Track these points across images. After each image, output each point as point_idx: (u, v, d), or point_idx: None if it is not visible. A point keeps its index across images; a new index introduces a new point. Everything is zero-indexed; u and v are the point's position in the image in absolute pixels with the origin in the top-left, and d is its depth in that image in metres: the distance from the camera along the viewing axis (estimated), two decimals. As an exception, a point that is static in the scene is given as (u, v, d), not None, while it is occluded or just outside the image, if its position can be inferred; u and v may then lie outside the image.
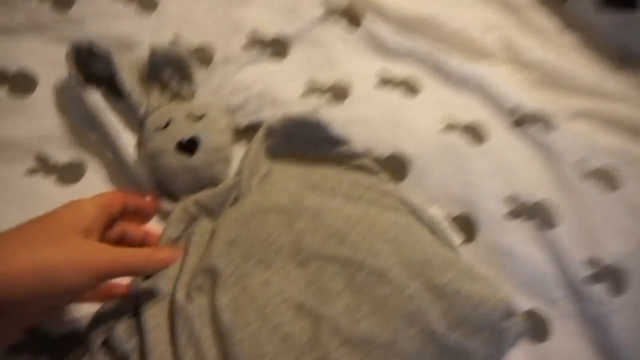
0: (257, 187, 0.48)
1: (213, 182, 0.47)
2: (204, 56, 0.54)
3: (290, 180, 0.48)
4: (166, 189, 0.47)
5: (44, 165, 0.47)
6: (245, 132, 0.51)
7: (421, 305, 0.42)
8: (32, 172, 0.47)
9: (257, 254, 0.44)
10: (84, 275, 0.33)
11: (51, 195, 0.46)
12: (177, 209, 0.46)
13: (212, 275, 0.43)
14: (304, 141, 0.49)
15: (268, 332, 0.41)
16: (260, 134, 0.50)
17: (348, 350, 0.40)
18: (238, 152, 0.50)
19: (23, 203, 0.45)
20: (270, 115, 0.52)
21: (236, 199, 0.47)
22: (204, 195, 0.46)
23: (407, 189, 0.49)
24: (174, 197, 0.47)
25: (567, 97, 0.58)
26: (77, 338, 0.40)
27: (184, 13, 0.56)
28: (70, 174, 0.48)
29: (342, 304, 0.42)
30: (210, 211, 0.46)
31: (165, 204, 0.47)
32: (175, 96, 0.50)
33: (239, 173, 0.48)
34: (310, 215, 0.46)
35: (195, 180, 0.47)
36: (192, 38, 0.54)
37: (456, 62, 0.59)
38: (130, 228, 0.43)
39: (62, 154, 0.48)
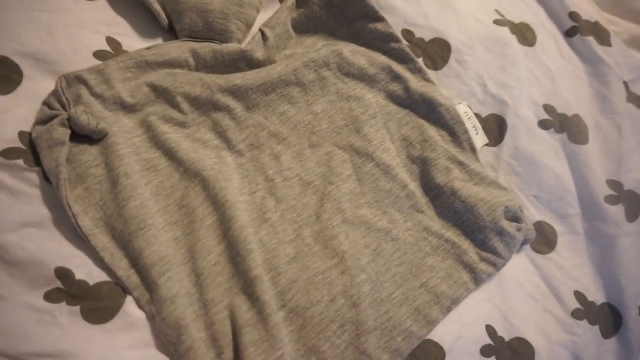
0: (283, 59, 0.45)
1: (222, 37, 0.43)
2: None
3: (316, 54, 0.44)
4: (172, 19, 0.43)
5: None
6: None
7: (418, 203, 0.42)
8: None
9: (272, 126, 0.42)
10: None
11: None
12: (171, 44, 0.42)
13: (222, 128, 0.41)
14: (338, 13, 0.45)
15: (273, 202, 0.40)
16: (289, 1, 0.45)
17: (348, 228, 0.40)
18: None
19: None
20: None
21: (248, 62, 0.43)
22: (203, 46, 0.42)
23: (442, 77, 0.47)
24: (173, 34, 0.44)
25: (630, 19, 0.54)
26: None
27: None
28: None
29: (348, 188, 0.42)
30: (206, 65, 0.43)
31: None
32: None
33: (259, 38, 0.44)
34: (333, 97, 0.45)
35: (204, 26, 0.42)
36: None
37: (519, -41, 0.54)
38: None
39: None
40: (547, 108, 0.48)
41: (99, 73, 0.39)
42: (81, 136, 0.37)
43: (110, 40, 0.41)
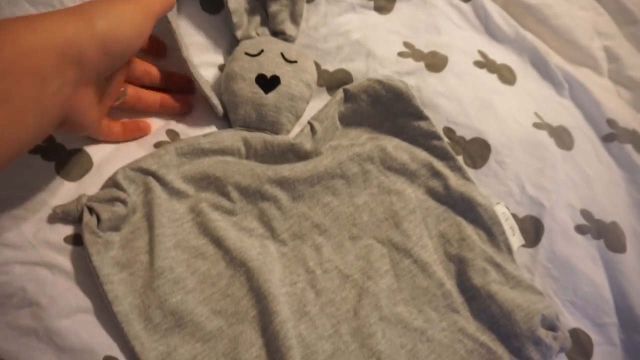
0: (329, 151, 0.47)
1: (273, 128, 0.46)
2: (310, -10, 0.52)
3: (361, 148, 0.46)
4: (227, 109, 0.46)
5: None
6: (325, 79, 0.50)
7: (454, 303, 0.43)
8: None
9: (315, 217, 0.44)
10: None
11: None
12: (226, 132, 0.45)
13: (267, 218, 0.43)
14: (384, 109, 0.48)
15: (313, 294, 0.41)
16: (340, 94, 0.48)
17: (385, 326, 0.41)
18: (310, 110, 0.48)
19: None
20: (361, 67, 0.50)
21: (296, 154, 0.45)
22: (255, 136, 0.44)
23: (481, 176, 0.48)
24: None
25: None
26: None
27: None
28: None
29: (385, 284, 0.42)
30: (257, 155, 0.45)
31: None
32: (276, 34, 0.49)
33: (308, 131, 0.46)
34: (375, 190, 0.46)
35: (257, 117, 0.45)
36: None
37: (557, 64, 0.56)
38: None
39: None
40: (585, 213, 0.48)
41: (159, 157, 0.41)
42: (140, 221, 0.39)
43: (169, 132, 0.44)
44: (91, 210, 0.37)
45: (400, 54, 0.52)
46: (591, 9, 0.64)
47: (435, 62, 0.52)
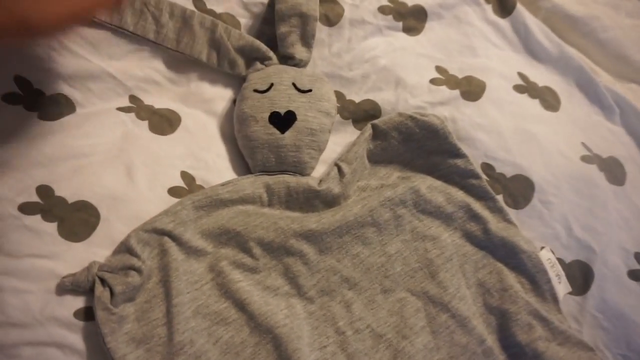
0: (358, 196, 0.43)
1: (296, 169, 0.42)
2: (332, 12, 0.47)
3: (393, 192, 0.42)
4: (244, 155, 0.43)
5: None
6: (351, 111, 0.46)
7: None
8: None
9: (344, 269, 0.40)
10: None
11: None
12: (246, 179, 0.41)
13: (293, 274, 0.39)
14: (417, 147, 0.44)
15: (344, 359, 0.38)
16: (368, 130, 0.43)
17: None
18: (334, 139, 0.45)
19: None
20: (390, 97, 0.46)
21: (323, 199, 0.42)
22: (277, 182, 0.41)
23: (524, 217, 0.44)
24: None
25: None
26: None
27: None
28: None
29: (421, 342, 0.39)
30: (280, 202, 0.41)
31: None
32: (286, 58, 0.44)
33: (335, 174, 0.42)
34: (408, 236, 0.42)
35: (277, 160, 0.41)
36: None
37: (605, 83, 0.51)
38: None
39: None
40: (639, 257, 0.44)
41: (175, 215, 0.38)
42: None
43: (184, 175, 0.41)
44: (103, 280, 0.34)
45: (433, 81, 0.47)
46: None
47: (471, 89, 0.47)
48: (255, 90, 0.42)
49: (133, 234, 0.36)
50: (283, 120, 0.41)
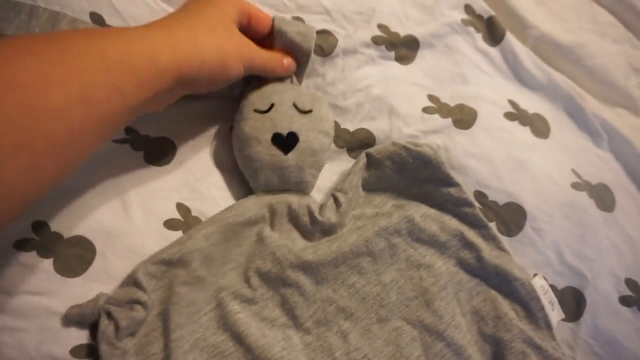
0: (353, 224, 0.43)
1: (298, 186, 0.42)
2: (326, 42, 0.48)
3: (387, 221, 0.43)
4: (245, 175, 0.43)
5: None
6: (346, 140, 0.46)
7: None
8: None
9: (340, 300, 0.41)
10: (240, 65, 0.38)
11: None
12: (249, 201, 0.42)
13: (290, 305, 0.40)
14: (410, 175, 0.44)
15: None
16: (363, 159, 0.44)
17: None
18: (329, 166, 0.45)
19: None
20: (383, 126, 0.46)
21: (320, 228, 0.42)
22: (280, 202, 0.42)
23: (517, 244, 0.44)
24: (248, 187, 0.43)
25: None
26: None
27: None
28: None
29: None
30: (282, 222, 0.42)
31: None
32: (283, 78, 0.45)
33: (332, 204, 0.43)
34: (403, 265, 0.43)
35: (280, 180, 0.42)
36: (316, 21, 0.48)
37: (593, 109, 0.52)
38: None
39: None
40: (629, 283, 0.45)
41: (182, 244, 0.38)
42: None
43: (180, 207, 0.41)
44: (108, 313, 0.34)
45: (425, 110, 0.48)
46: (625, 42, 0.60)
47: (463, 117, 0.48)
48: (256, 110, 0.42)
49: (141, 266, 0.36)
50: (286, 142, 0.41)
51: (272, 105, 0.42)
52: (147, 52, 0.31)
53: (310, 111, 0.43)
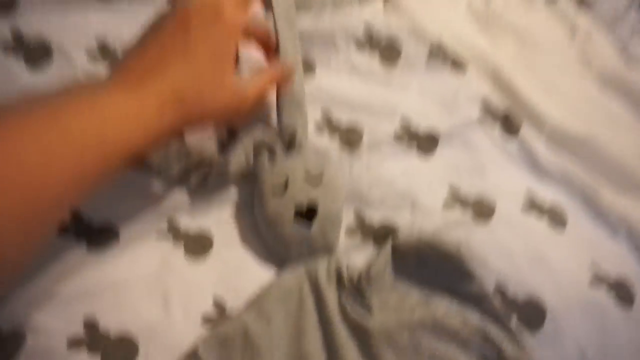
0: (377, 312, 0.45)
1: (325, 249, 0.46)
2: (352, 138, 0.51)
3: (411, 313, 0.45)
4: (276, 252, 0.46)
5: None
6: (370, 233, 0.49)
7: None
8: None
9: None
10: (253, 105, 0.41)
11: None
12: (286, 275, 0.44)
13: None
14: (433, 271, 0.46)
15: None
16: (388, 249, 0.46)
17: None
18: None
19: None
20: (406, 220, 0.49)
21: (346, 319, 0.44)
22: (311, 276, 0.44)
23: (537, 343, 0.45)
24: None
25: None
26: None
27: (335, 87, 0.54)
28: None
29: None
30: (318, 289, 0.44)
31: None
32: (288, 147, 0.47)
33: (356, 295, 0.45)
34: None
35: (309, 251, 0.45)
36: (341, 115, 0.52)
37: (609, 199, 0.54)
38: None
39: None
40: (651, 383, 0.45)
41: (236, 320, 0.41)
42: None
43: (216, 304, 0.43)
44: None
45: (446, 204, 0.50)
46: (637, 130, 0.62)
47: (482, 211, 0.50)
48: (274, 194, 0.45)
49: (200, 342, 0.39)
50: (306, 216, 0.44)
51: (287, 181, 0.44)
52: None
53: (321, 174, 0.45)
